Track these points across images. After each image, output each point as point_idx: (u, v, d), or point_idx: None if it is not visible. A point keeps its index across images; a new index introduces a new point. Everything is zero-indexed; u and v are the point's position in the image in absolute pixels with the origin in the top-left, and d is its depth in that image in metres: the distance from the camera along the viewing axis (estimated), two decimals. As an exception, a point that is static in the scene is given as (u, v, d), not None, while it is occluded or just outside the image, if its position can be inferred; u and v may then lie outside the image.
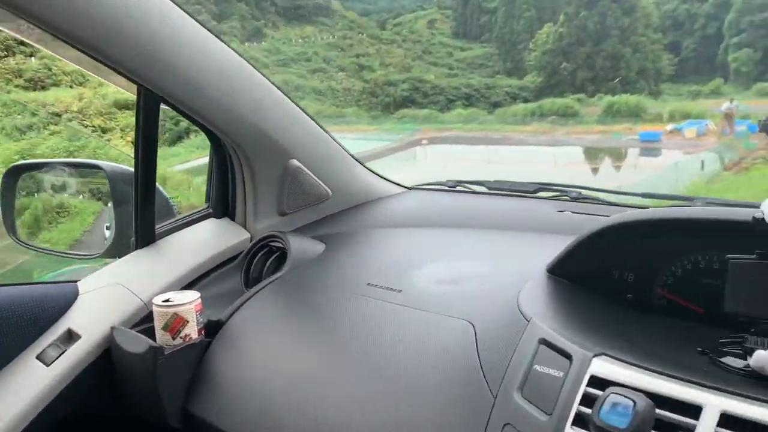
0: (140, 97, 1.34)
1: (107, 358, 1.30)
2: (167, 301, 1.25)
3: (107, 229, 1.77)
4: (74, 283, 1.41)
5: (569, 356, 0.84)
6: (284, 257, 1.48)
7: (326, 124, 1.69)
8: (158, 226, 1.50)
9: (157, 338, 1.25)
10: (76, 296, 1.36)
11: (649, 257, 1.00)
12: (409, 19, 51.99)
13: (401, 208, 1.76)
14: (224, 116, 1.41)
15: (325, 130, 1.65)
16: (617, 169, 21.27)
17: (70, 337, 1.30)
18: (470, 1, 49.87)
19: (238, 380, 1.20)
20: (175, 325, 1.24)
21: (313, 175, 1.63)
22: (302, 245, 1.50)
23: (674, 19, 41.90)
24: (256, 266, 1.53)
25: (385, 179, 1.86)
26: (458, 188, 1.76)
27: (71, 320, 1.31)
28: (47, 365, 1.25)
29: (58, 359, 1.25)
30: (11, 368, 1.23)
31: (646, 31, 38.43)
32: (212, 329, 1.31)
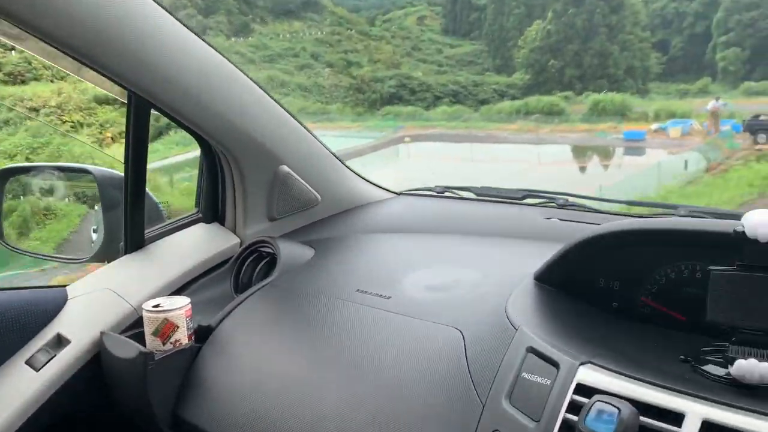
0: (131, 101, 1.34)
1: (97, 363, 1.30)
2: (157, 306, 1.26)
3: (94, 232, 1.77)
4: (63, 287, 1.41)
5: (556, 364, 0.85)
6: (274, 262, 1.49)
7: (309, 120, 1.70)
8: (147, 230, 1.51)
9: (147, 343, 1.25)
10: (65, 301, 1.36)
11: (634, 266, 1.02)
12: (398, 15, 51.90)
13: (390, 213, 1.77)
14: (214, 122, 1.41)
15: (314, 135, 1.66)
16: (603, 168, 21.21)
17: (59, 342, 1.30)
18: (460, -2, 49.93)
19: (228, 385, 1.21)
20: (165, 330, 1.24)
21: (302, 180, 1.64)
22: (292, 251, 1.51)
23: (663, 17, 42.11)
24: (245, 271, 1.53)
25: (373, 184, 1.87)
26: (446, 194, 1.78)
27: (60, 325, 1.32)
28: (36, 370, 1.25)
29: (47, 364, 1.26)
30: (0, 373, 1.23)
31: (634, 29, 38.60)
32: (202, 335, 1.31)
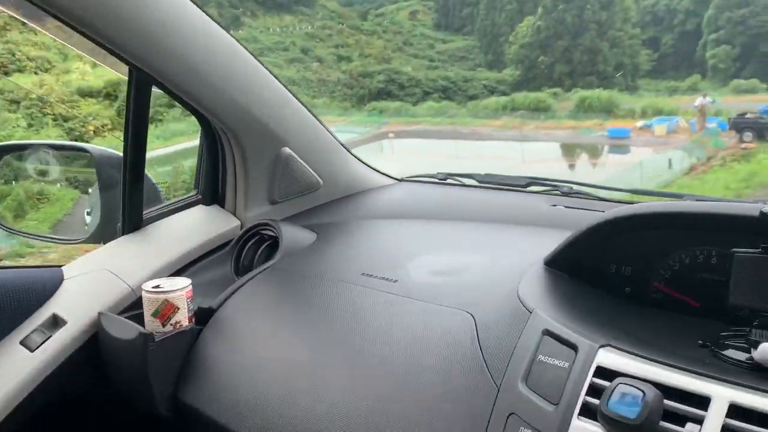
0: (131, 79, 1.31)
1: (94, 344, 1.27)
2: (157, 287, 1.23)
3: (87, 215, 1.74)
4: (59, 267, 1.38)
5: (575, 347, 0.84)
6: (275, 246, 1.46)
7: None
8: (145, 212, 1.48)
9: (146, 325, 1.23)
10: (60, 281, 1.33)
11: (646, 251, 1.01)
12: (391, 10, 51.65)
13: (391, 199, 1.75)
14: (218, 100, 1.38)
15: (317, 118, 1.64)
16: (588, 166, 20.96)
17: (55, 322, 1.27)
18: (452, -8, 49.84)
19: (229, 368, 1.19)
20: (165, 311, 1.22)
21: (304, 163, 1.61)
22: (294, 234, 1.48)
23: (654, 14, 42.21)
24: (246, 254, 1.51)
25: (375, 170, 1.85)
26: (448, 181, 1.76)
27: (56, 305, 1.29)
28: (31, 351, 1.22)
29: (42, 345, 1.23)
30: None
31: (624, 25, 38.68)
32: (203, 317, 1.29)
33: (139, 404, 1.28)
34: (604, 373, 0.79)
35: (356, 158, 1.80)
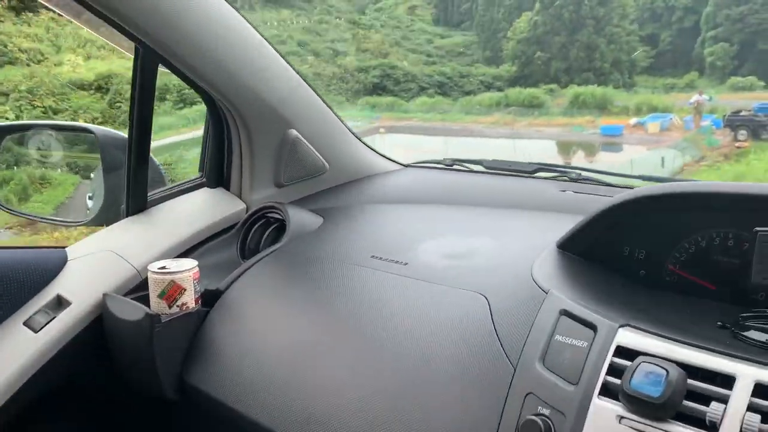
0: (137, 58, 1.29)
1: (98, 325, 1.26)
2: (163, 268, 1.21)
3: (89, 199, 1.72)
4: (63, 249, 1.36)
5: (594, 327, 0.83)
6: (282, 229, 1.45)
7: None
8: (149, 194, 1.46)
9: (151, 306, 1.21)
10: (64, 262, 1.32)
11: (661, 234, 1.00)
12: (389, 4, 51.43)
13: (398, 184, 1.73)
14: (225, 79, 1.36)
15: (325, 102, 1.62)
16: (576, 163, 20.94)
17: (59, 303, 1.26)
18: (452, -13, 49.69)
19: (236, 351, 1.17)
20: (171, 293, 1.20)
21: (311, 146, 1.60)
22: (301, 217, 1.47)
23: (652, 11, 42.12)
24: (252, 237, 1.49)
25: (381, 155, 1.83)
26: (455, 167, 1.74)
27: (60, 286, 1.27)
28: (35, 332, 1.21)
29: (46, 326, 1.22)
30: None
31: (621, 22, 38.62)
32: (210, 299, 1.28)
33: (144, 386, 1.26)
34: (624, 352, 0.78)
35: (363, 143, 1.79)
